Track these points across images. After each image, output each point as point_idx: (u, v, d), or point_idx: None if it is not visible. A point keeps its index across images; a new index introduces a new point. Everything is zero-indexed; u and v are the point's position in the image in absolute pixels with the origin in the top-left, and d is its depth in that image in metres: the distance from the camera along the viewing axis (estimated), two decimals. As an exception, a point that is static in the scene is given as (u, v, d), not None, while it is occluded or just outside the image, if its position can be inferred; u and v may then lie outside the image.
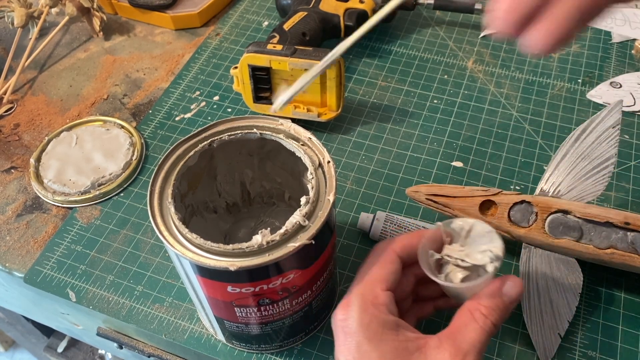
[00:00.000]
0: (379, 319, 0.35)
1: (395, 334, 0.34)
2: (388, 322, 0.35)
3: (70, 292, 0.48)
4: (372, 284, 0.36)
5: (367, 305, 0.35)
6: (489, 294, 0.36)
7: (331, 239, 0.38)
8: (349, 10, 0.63)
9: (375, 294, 0.36)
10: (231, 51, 0.67)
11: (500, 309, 0.35)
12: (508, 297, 0.36)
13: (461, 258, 0.37)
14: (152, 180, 0.37)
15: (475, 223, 0.37)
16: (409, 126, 0.58)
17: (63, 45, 0.70)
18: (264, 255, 0.33)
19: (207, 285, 0.36)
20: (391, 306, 0.36)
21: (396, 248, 0.38)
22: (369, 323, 0.34)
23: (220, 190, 0.46)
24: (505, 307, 0.35)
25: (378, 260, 0.38)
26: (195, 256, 0.33)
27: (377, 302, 0.35)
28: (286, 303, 0.38)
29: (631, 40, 0.66)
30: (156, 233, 0.35)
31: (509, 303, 0.36)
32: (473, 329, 0.34)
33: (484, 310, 0.35)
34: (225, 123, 0.40)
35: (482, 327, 0.34)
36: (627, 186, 0.52)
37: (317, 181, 0.36)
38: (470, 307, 0.35)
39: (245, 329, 0.40)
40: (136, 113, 0.61)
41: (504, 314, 0.35)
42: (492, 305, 0.35)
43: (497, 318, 0.35)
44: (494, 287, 0.36)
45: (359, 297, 0.36)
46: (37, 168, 0.55)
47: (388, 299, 0.36)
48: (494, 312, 0.35)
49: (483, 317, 0.35)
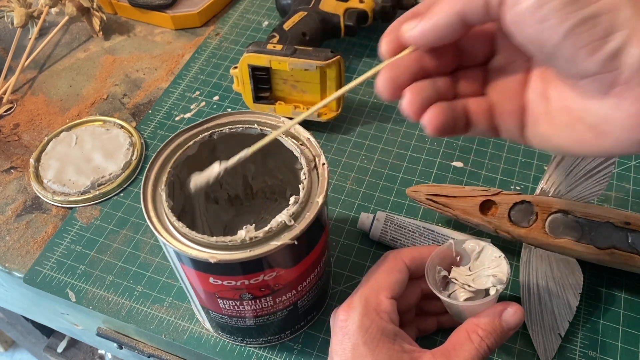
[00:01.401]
0: (379, 326, 0.35)
1: (391, 343, 0.35)
2: (387, 330, 0.35)
3: (70, 292, 0.48)
4: (377, 290, 0.37)
5: (370, 310, 0.36)
6: (488, 316, 0.36)
7: (320, 241, 0.38)
8: (349, 10, 0.63)
9: (379, 300, 0.36)
10: (231, 51, 0.67)
11: (497, 333, 0.36)
12: (507, 323, 0.36)
13: (467, 283, 0.38)
14: (148, 166, 0.37)
15: (486, 246, 0.38)
16: (409, 126, 0.58)
17: (63, 45, 0.70)
18: (245, 250, 0.33)
19: (191, 274, 0.36)
20: (393, 315, 0.36)
21: (405, 258, 0.38)
22: (369, 327, 0.35)
23: (222, 182, 0.46)
24: (502, 332, 0.36)
25: (386, 267, 0.38)
26: (179, 245, 0.34)
27: (379, 308, 0.36)
28: (269, 300, 0.38)
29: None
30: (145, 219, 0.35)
31: (507, 329, 0.36)
32: (468, 349, 0.35)
33: (480, 333, 0.35)
34: (227, 116, 0.40)
35: (477, 348, 0.35)
36: (627, 186, 0.52)
37: (310, 182, 0.36)
38: (467, 327, 0.36)
39: (229, 321, 0.40)
40: (136, 113, 0.61)
41: (500, 339, 0.36)
42: (490, 328, 0.35)
43: (493, 342, 0.35)
44: (495, 310, 0.36)
45: (363, 301, 0.36)
46: (36, 168, 0.55)
47: (391, 307, 0.36)
48: (490, 336, 0.35)
49: (479, 339, 0.35)
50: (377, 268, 0.38)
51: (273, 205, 0.49)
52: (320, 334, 0.44)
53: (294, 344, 0.44)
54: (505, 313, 0.36)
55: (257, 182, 0.48)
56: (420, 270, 0.38)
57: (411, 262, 0.38)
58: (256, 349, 0.44)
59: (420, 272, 0.38)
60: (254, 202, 0.49)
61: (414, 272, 0.39)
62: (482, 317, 0.36)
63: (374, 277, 0.38)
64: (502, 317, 0.36)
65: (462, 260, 0.39)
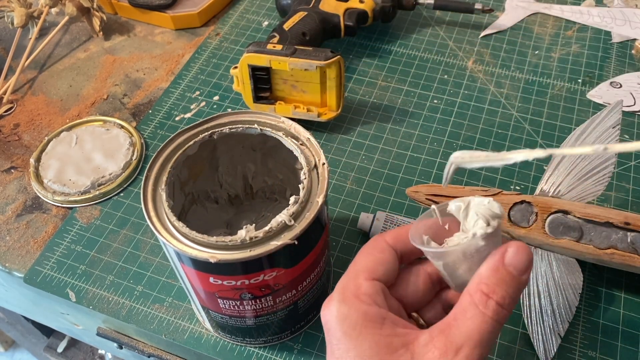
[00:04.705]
0: (359, 310, 0.30)
1: (378, 328, 0.29)
2: (370, 313, 0.30)
3: (70, 292, 0.48)
4: (355, 274, 0.32)
5: (347, 295, 0.31)
6: (488, 266, 0.29)
7: (320, 241, 0.38)
8: (349, 10, 0.63)
9: (357, 283, 0.31)
10: (231, 51, 0.67)
11: (506, 282, 0.29)
12: (514, 266, 0.29)
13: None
14: (148, 166, 0.37)
15: (472, 199, 0.31)
16: (409, 126, 0.58)
17: (63, 45, 0.70)
18: (245, 250, 0.33)
19: (191, 274, 0.36)
20: (377, 297, 0.31)
21: (387, 237, 0.33)
22: (347, 314, 0.30)
23: (222, 182, 0.47)
24: (513, 280, 0.29)
25: (364, 250, 0.33)
26: (179, 244, 0.34)
27: (359, 292, 0.31)
28: (269, 300, 0.38)
29: (631, 40, 0.66)
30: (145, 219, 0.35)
31: (516, 275, 0.29)
32: (471, 315, 0.28)
33: (484, 288, 0.28)
34: (227, 116, 0.40)
35: (483, 312, 0.28)
36: (627, 186, 0.52)
37: (310, 182, 0.36)
38: (470, 288, 0.29)
39: (229, 321, 0.40)
40: (136, 113, 0.61)
41: (512, 289, 0.29)
42: (494, 279, 0.29)
43: (504, 296, 0.28)
44: (494, 257, 0.29)
45: (339, 289, 0.32)
46: (37, 168, 0.55)
47: (373, 288, 0.31)
48: (497, 289, 0.28)
49: (484, 298, 0.28)
50: (357, 254, 0.33)
51: (274, 205, 0.49)
52: (320, 334, 0.44)
53: (294, 344, 0.44)
54: (507, 256, 0.29)
55: (257, 182, 0.48)
56: (411, 250, 0.33)
57: (395, 240, 0.33)
58: (256, 348, 0.44)
59: (414, 253, 0.33)
60: (254, 201, 0.49)
61: (404, 252, 0.33)
62: (483, 270, 0.29)
63: (351, 264, 0.33)
64: (505, 262, 0.29)
65: (452, 229, 0.33)
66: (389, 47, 0.67)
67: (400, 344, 0.29)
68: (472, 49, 0.66)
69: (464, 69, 0.64)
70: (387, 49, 0.67)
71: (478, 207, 0.30)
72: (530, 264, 0.29)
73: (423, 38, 0.68)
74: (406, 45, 0.67)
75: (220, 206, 0.48)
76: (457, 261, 0.31)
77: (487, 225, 0.29)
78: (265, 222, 0.34)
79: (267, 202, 0.49)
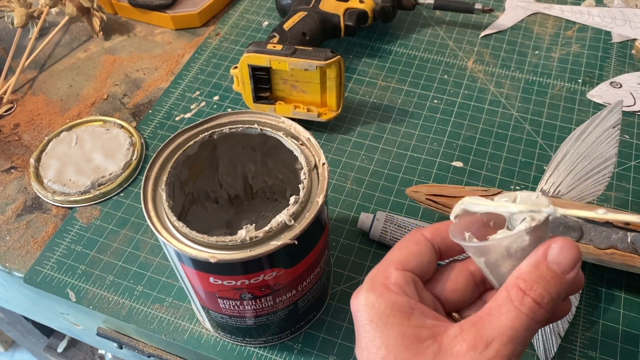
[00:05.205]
0: (388, 299, 0.29)
1: (406, 318, 0.28)
2: (398, 303, 0.29)
3: (70, 292, 0.48)
4: (386, 264, 0.31)
5: (376, 285, 0.30)
6: (529, 262, 0.28)
7: (320, 241, 0.38)
8: (349, 10, 0.63)
9: (387, 274, 0.30)
10: (231, 51, 0.67)
11: (546, 280, 0.27)
12: (557, 264, 0.27)
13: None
14: (148, 166, 0.37)
15: (519, 194, 0.30)
16: (409, 126, 0.58)
17: (63, 45, 0.70)
18: (245, 250, 0.33)
19: (191, 274, 0.36)
20: (406, 287, 0.30)
21: (425, 231, 0.32)
22: (374, 303, 0.29)
23: (222, 182, 0.47)
24: (554, 278, 0.27)
25: (400, 243, 0.33)
26: (179, 244, 0.34)
27: (387, 281, 0.30)
28: (269, 300, 0.38)
29: (631, 40, 0.66)
30: (145, 219, 0.35)
31: (559, 272, 0.27)
32: (506, 311, 0.27)
33: (522, 284, 0.27)
34: (227, 116, 0.40)
35: (518, 308, 0.27)
36: (627, 186, 0.52)
37: (310, 182, 0.36)
38: (507, 284, 0.28)
39: (229, 321, 0.40)
40: (136, 113, 0.61)
41: (554, 288, 0.27)
42: (534, 275, 0.27)
43: (543, 294, 0.27)
44: (537, 253, 0.28)
45: (369, 278, 0.31)
46: (37, 168, 0.55)
47: (402, 278, 0.30)
48: (536, 286, 0.27)
49: (521, 294, 0.27)
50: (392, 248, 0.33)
51: (274, 205, 0.49)
52: (320, 334, 0.44)
53: (294, 344, 0.44)
54: (551, 252, 0.27)
55: (257, 182, 0.48)
56: (449, 245, 0.32)
57: (433, 234, 0.32)
58: (256, 348, 0.44)
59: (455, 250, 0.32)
60: (254, 201, 0.49)
61: (444, 249, 0.32)
62: (523, 266, 0.28)
63: (385, 255, 0.32)
64: (547, 259, 0.27)
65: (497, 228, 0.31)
66: (389, 47, 0.67)
67: (428, 335, 0.28)
68: (472, 49, 0.66)
69: (464, 69, 0.64)
70: (387, 49, 0.67)
71: (525, 202, 0.29)
72: (576, 263, 0.28)
73: (423, 38, 0.68)
74: (406, 45, 0.67)
75: (220, 206, 0.48)
76: (500, 258, 0.29)
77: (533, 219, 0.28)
78: (265, 222, 0.34)
79: (267, 202, 0.49)
